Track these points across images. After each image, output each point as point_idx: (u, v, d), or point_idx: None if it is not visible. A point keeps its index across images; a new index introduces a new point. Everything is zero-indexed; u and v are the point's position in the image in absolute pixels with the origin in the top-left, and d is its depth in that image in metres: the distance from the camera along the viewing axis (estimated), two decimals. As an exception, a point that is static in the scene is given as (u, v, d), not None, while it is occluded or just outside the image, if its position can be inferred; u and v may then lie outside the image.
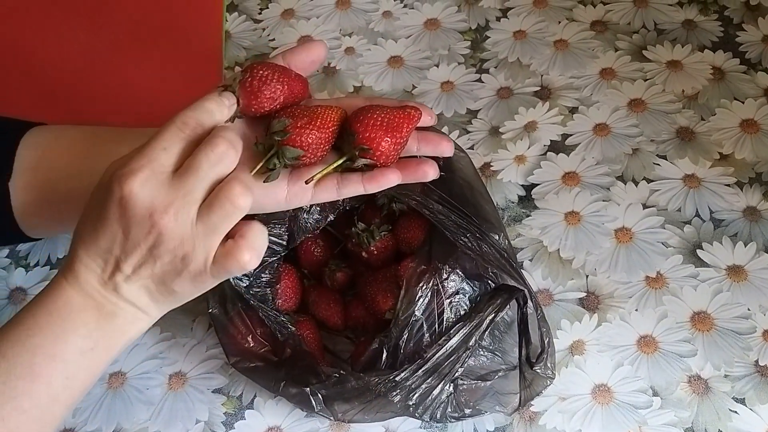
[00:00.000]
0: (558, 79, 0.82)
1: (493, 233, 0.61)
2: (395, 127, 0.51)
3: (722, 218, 0.71)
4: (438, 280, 0.59)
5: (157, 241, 0.44)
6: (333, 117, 0.51)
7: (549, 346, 0.61)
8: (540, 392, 0.62)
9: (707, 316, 0.66)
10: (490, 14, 0.89)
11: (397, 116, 0.51)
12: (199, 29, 0.91)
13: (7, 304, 0.74)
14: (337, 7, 0.92)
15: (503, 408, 0.61)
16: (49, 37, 0.89)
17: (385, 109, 0.52)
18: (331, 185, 0.52)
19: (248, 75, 0.50)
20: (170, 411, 0.67)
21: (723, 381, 0.63)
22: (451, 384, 0.59)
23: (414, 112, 0.52)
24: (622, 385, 0.64)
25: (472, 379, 0.60)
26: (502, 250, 0.61)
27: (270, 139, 0.50)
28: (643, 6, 0.87)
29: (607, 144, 0.77)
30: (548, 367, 0.61)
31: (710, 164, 0.75)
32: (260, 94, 0.50)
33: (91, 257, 0.46)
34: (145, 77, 0.86)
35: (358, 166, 0.51)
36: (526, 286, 0.59)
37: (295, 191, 0.52)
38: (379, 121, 0.51)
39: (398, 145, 0.51)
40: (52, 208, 0.55)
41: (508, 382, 0.61)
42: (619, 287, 0.69)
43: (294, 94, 0.52)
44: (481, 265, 0.60)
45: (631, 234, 0.71)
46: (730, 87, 0.80)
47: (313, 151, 0.50)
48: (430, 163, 0.53)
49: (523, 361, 0.61)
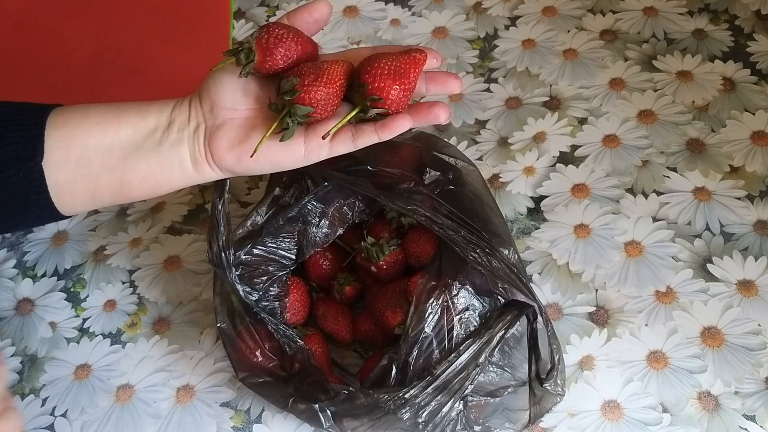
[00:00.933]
0: (567, 89, 0.82)
1: (503, 248, 0.61)
2: (403, 74, 0.52)
3: (733, 232, 0.71)
4: (448, 296, 0.59)
5: None
6: (340, 71, 0.53)
7: (559, 363, 0.61)
8: (550, 409, 0.62)
9: (717, 332, 0.66)
10: (498, 23, 0.89)
11: (404, 62, 0.53)
12: (207, 37, 0.91)
13: (14, 315, 0.74)
14: (345, 15, 0.91)
15: (513, 425, 0.61)
16: (55, 47, 0.89)
17: (392, 57, 0.53)
18: (346, 137, 0.54)
19: (264, 33, 0.52)
20: (178, 425, 0.66)
21: (733, 398, 0.63)
22: (461, 401, 0.59)
23: (419, 56, 0.53)
24: (631, 402, 0.64)
25: (482, 395, 0.60)
26: (511, 265, 0.61)
27: (281, 99, 0.52)
28: (653, 15, 0.87)
29: (617, 156, 0.77)
30: (558, 384, 0.61)
31: (721, 177, 0.74)
32: (275, 51, 0.52)
33: None
34: (152, 84, 0.86)
35: (370, 116, 0.53)
36: (536, 302, 0.59)
37: (312, 147, 0.54)
38: (387, 70, 0.52)
39: (407, 91, 0.53)
40: (87, 184, 0.56)
41: (517, 398, 0.61)
42: (628, 302, 0.68)
43: (306, 54, 0.54)
44: (491, 281, 0.59)
45: (641, 247, 0.71)
46: (740, 98, 0.79)
47: (323, 107, 0.52)
48: (441, 105, 0.55)
49: (532, 377, 0.61)
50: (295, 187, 0.65)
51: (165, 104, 0.57)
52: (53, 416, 0.68)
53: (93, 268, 0.76)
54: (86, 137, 0.55)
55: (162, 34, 0.90)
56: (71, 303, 0.75)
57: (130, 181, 0.56)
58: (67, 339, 0.73)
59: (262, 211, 0.64)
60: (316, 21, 0.55)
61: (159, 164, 0.56)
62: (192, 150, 0.55)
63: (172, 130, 0.56)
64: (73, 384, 0.70)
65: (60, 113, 0.56)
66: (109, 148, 0.55)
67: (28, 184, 0.54)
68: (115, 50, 0.89)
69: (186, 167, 0.56)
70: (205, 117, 0.56)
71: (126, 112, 0.57)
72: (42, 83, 0.87)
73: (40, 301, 0.75)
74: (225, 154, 0.55)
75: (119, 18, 0.91)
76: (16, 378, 0.71)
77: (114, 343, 0.72)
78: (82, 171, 0.55)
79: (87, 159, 0.55)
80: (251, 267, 0.63)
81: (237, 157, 0.55)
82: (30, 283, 0.76)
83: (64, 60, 0.88)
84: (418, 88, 0.55)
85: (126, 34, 0.89)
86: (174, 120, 0.56)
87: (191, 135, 0.55)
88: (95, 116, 0.56)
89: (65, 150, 0.55)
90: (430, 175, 0.65)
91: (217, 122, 0.55)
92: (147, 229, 0.78)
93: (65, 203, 0.56)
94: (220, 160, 0.55)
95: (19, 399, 0.69)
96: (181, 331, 0.71)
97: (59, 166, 0.55)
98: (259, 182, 0.79)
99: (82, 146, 0.55)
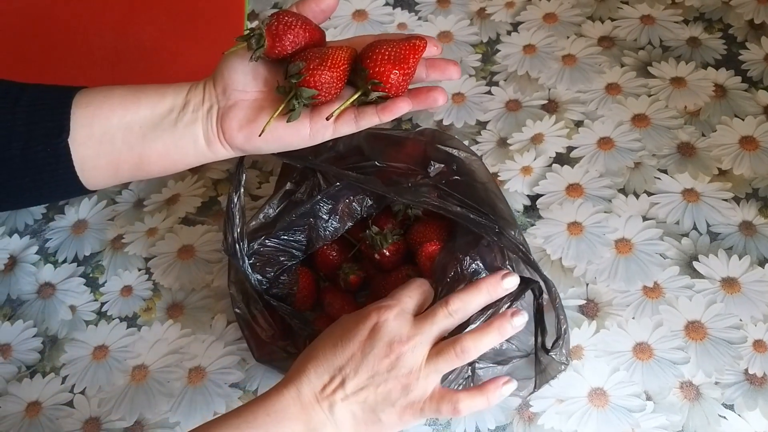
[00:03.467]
0: (565, 93, 0.86)
1: (510, 229, 0.65)
2: (402, 59, 0.56)
3: (719, 232, 0.75)
4: (459, 268, 0.63)
5: (390, 364, 0.53)
6: (343, 57, 0.56)
7: (565, 333, 0.63)
8: (554, 376, 0.64)
9: (701, 326, 0.70)
10: (501, 28, 0.92)
11: (404, 49, 0.56)
12: (222, 38, 0.94)
13: (36, 298, 0.79)
14: (354, 19, 0.95)
15: (518, 392, 0.64)
16: (76, 45, 0.93)
17: (392, 43, 0.56)
18: (349, 119, 0.58)
19: (275, 20, 0.56)
20: (190, 403, 0.71)
21: (713, 388, 0.67)
22: (469, 368, 0.62)
23: (419, 42, 0.57)
24: (617, 390, 0.67)
25: (489, 363, 0.63)
26: (519, 244, 0.64)
27: (288, 82, 0.56)
28: (650, 23, 0.90)
29: (611, 157, 0.80)
30: (563, 353, 0.63)
31: (709, 179, 0.78)
32: (284, 37, 0.56)
33: (319, 372, 0.54)
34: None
35: (372, 99, 0.56)
36: (543, 277, 0.62)
37: (317, 128, 0.58)
38: (387, 55, 0.56)
39: (407, 76, 0.56)
40: (109, 159, 0.60)
41: (523, 368, 0.64)
42: (617, 296, 0.72)
43: (314, 41, 0.58)
44: (500, 257, 0.63)
45: (630, 245, 0.75)
46: (731, 104, 0.83)
47: (327, 90, 0.56)
48: (439, 89, 0.59)
49: (538, 347, 0.63)
50: (306, 183, 0.68)
51: (181, 86, 0.61)
52: (72, 393, 0.72)
53: (111, 256, 0.80)
54: (108, 116, 0.59)
55: (179, 34, 0.94)
56: (90, 288, 0.79)
57: (148, 156, 0.60)
58: (86, 321, 0.77)
59: (274, 205, 0.68)
60: (323, 10, 0.59)
61: (175, 142, 0.60)
62: (205, 129, 0.59)
63: (187, 110, 0.59)
64: (92, 364, 0.74)
65: (84, 94, 0.61)
66: (129, 126, 0.59)
67: (56, 159, 0.59)
68: (134, 48, 0.93)
69: (200, 145, 0.60)
70: (218, 98, 0.59)
71: (145, 93, 0.61)
72: (64, 78, 0.91)
73: (60, 286, 0.79)
74: (236, 133, 0.59)
75: (138, 18, 0.95)
76: (37, 357, 0.75)
77: (130, 327, 0.76)
78: (105, 147, 0.59)
79: (109, 136, 0.59)
80: (263, 257, 0.67)
81: (247, 136, 0.59)
82: (51, 268, 0.80)
83: (86, 57, 0.92)
84: (418, 73, 0.58)
85: (144, 34, 0.94)
86: (189, 101, 0.60)
87: (205, 115, 0.59)
88: (117, 97, 0.60)
89: (89, 128, 0.59)
90: (435, 168, 0.68)
91: (229, 103, 0.59)
92: (162, 220, 0.82)
93: (89, 177, 0.61)
94: (231, 138, 0.59)
95: (41, 377, 0.73)
96: (193, 316, 0.75)
97: (83, 143, 0.59)
98: (269, 177, 0.83)
99: (104, 124, 0.59)
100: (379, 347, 0.53)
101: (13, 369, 0.74)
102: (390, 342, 0.53)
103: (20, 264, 0.81)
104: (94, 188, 0.62)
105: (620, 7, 0.92)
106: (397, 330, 0.54)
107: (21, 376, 0.74)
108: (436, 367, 0.55)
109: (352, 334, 0.54)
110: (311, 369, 0.54)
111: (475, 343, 0.56)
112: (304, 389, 0.53)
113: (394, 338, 0.54)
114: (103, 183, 0.62)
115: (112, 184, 0.63)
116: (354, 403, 0.53)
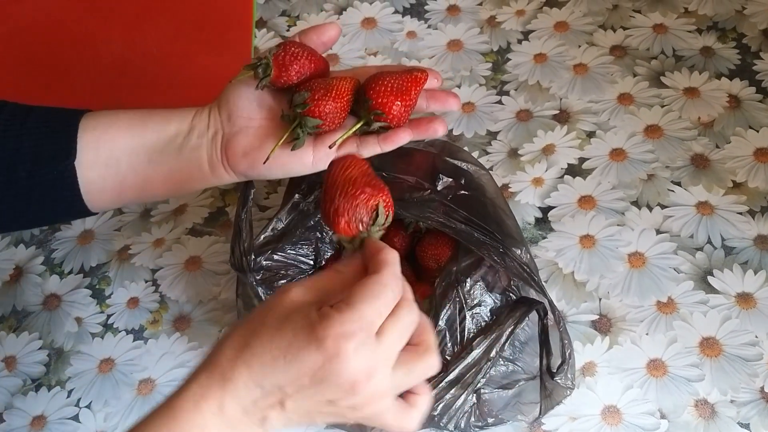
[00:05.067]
0: (576, 103, 0.85)
1: (515, 248, 0.64)
2: (404, 91, 0.57)
3: (733, 246, 0.74)
4: (461, 292, 0.62)
5: (344, 397, 0.44)
6: (347, 87, 0.57)
7: (570, 358, 0.62)
8: (560, 401, 0.64)
9: (716, 342, 0.69)
10: (511, 36, 0.91)
11: (406, 80, 0.57)
12: (230, 45, 0.94)
13: (41, 310, 0.78)
14: (363, 27, 0.94)
15: (524, 417, 0.63)
16: (84, 52, 0.93)
17: (395, 75, 0.57)
18: (351, 147, 0.58)
19: (281, 50, 0.57)
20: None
21: (729, 406, 0.65)
22: (474, 394, 0.61)
23: (421, 75, 0.58)
24: (631, 407, 0.66)
25: (494, 387, 0.63)
26: (524, 264, 0.63)
27: (293, 111, 0.56)
28: (663, 32, 0.89)
29: (623, 169, 0.79)
30: (568, 378, 0.62)
31: (723, 192, 0.77)
32: (291, 67, 0.57)
33: (250, 386, 0.44)
34: (177, 91, 0.90)
35: (374, 129, 0.57)
36: (547, 298, 0.62)
37: (320, 155, 0.58)
38: (389, 87, 0.56)
39: (408, 107, 0.57)
40: (114, 183, 0.60)
41: (528, 392, 0.63)
42: (630, 311, 0.71)
43: (318, 70, 0.59)
44: (504, 278, 0.62)
45: (644, 259, 0.74)
46: (745, 115, 0.81)
47: (331, 119, 0.57)
48: (440, 120, 0.59)
49: (543, 371, 0.63)
50: (315, 194, 0.68)
51: (187, 112, 0.60)
52: (78, 407, 0.72)
53: (117, 267, 0.80)
54: (114, 140, 0.59)
55: (187, 41, 0.93)
56: (96, 299, 0.78)
57: (153, 180, 0.60)
58: (92, 334, 0.76)
59: (283, 217, 0.67)
60: (324, 43, 0.60)
61: (179, 167, 0.59)
62: (210, 155, 0.59)
63: (192, 135, 0.59)
64: (97, 377, 0.73)
65: (91, 117, 0.60)
66: (135, 150, 0.59)
67: (62, 181, 0.58)
68: (142, 56, 0.92)
69: (204, 170, 0.60)
70: (222, 125, 0.59)
71: (151, 117, 0.60)
72: (73, 85, 0.91)
73: (66, 297, 0.78)
74: (240, 159, 0.58)
75: (147, 26, 0.94)
76: (42, 370, 0.74)
77: (136, 339, 0.75)
78: (110, 171, 0.59)
79: (115, 159, 0.59)
80: (271, 271, 0.66)
81: (250, 163, 0.58)
82: (57, 279, 0.80)
83: (94, 64, 0.92)
84: (419, 104, 0.59)
85: (153, 42, 0.93)
86: (194, 126, 0.59)
87: (209, 141, 0.59)
88: (123, 121, 0.60)
89: (95, 151, 0.59)
90: (443, 182, 0.67)
91: (234, 130, 0.59)
92: (169, 230, 0.81)
93: (94, 200, 0.60)
94: (235, 164, 0.59)
95: (46, 390, 0.73)
96: (200, 329, 0.75)
97: (89, 166, 0.59)
98: (277, 187, 0.82)
99: (110, 148, 0.59)
100: (335, 383, 0.43)
101: (18, 382, 0.74)
102: (352, 379, 0.43)
103: (26, 275, 0.80)
104: (98, 210, 0.62)
105: (632, 16, 0.91)
106: (359, 365, 0.43)
107: (26, 389, 0.73)
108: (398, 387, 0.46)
109: (302, 355, 0.43)
110: (239, 379, 0.43)
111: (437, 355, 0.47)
112: (228, 404, 0.43)
113: (355, 375, 0.43)
114: (107, 205, 0.62)
115: (116, 207, 0.63)
116: (292, 413, 0.45)
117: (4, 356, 0.75)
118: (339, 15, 0.96)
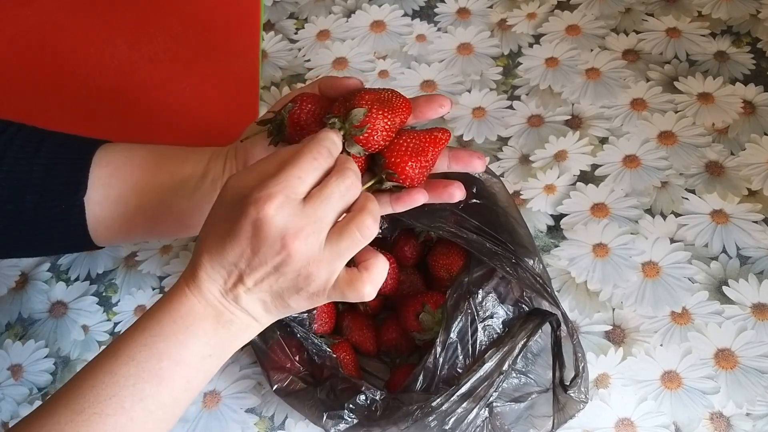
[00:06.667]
0: (589, 109, 0.84)
1: (528, 258, 0.63)
2: (420, 152, 0.54)
3: (749, 255, 0.72)
4: (473, 303, 0.61)
5: (284, 261, 0.47)
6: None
7: (583, 371, 0.61)
8: (573, 415, 0.63)
9: (731, 354, 0.68)
10: (522, 40, 0.90)
11: (424, 140, 0.55)
12: (237, 48, 0.93)
13: (48, 317, 0.77)
14: (372, 30, 0.93)
15: (537, 430, 0.63)
16: (90, 54, 0.92)
17: (413, 134, 0.55)
18: None
19: (297, 107, 0.55)
20: (205, 429, 0.69)
21: (744, 419, 0.65)
22: (486, 408, 0.61)
23: (441, 135, 0.55)
24: (645, 420, 0.65)
25: (506, 400, 0.62)
26: (536, 275, 0.62)
27: None
28: (676, 36, 0.88)
29: (636, 176, 0.78)
30: (582, 391, 0.62)
31: (738, 200, 0.76)
32: (306, 127, 0.55)
33: (216, 268, 0.48)
34: (184, 94, 0.89)
35: (386, 188, 0.55)
36: (560, 310, 0.61)
37: None
38: (405, 147, 0.54)
39: (424, 168, 0.55)
40: (122, 221, 0.59)
41: (541, 405, 0.63)
42: (644, 322, 0.70)
43: None
44: (517, 289, 0.61)
45: (658, 268, 0.73)
46: (760, 121, 0.80)
47: None
48: (457, 184, 0.56)
49: (556, 384, 0.62)
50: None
51: (202, 154, 0.59)
52: (85, 417, 0.71)
53: (124, 274, 0.79)
54: (126, 178, 0.58)
55: (194, 44, 0.92)
56: (103, 307, 0.77)
57: (162, 220, 0.59)
58: (99, 342, 0.75)
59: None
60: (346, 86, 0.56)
61: (190, 209, 0.59)
62: None
63: (206, 179, 0.58)
64: (105, 386, 0.72)
65: (105, 151, 0.60)
66: (146, 190, 0.58)
67: (69, 215, 0.58)
68: (147, 58, 0.91)
69: None
70: (238, 170, 0.58)
71: (166, 156, 0.60)
72: (78, 90, 0.90)
73: (73, 305, 0.78)
74: None
75: (153, 29, 0.93)
76: (49, 379, 0.73)
77: (144, 348, 0.74)
78: (120, 209, 0.58)
79: (125, 198, 0.58)
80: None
81: None
82: (63, 286, 0.79)
83: (99, 67, 0.91)
84: (440, 164, 0.56)
85: (159, 44, 0.92)
86: (209, 170, 0.59)
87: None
88: (137, 159, 0.59)
89: (106, 188, 0.58)
90: None
91: None
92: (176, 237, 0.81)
93: (101, 235, 0.59)
94: None
95: (53, 399, 0.72)
96: (208, 338, 0.74)
97: (99, 202, 0.58)
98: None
99: (121, 186, 0.58)
100: (268, 245, 0.47)
101: (25, 391, 0.73)
102: (279, 237, 0.46)
103: (32, 282, 0.79)
104: (104, 245, 0.61)
105: (645, 20, 0.90)
106: (283, 223, 0.46)
107: (32, 398, 0.72)
108: (338, 252, 0.48)
109: (236, 229, 0.47)
110: (207, 264, 0.48)
111: (376, 217, 0.49)
112: (205, 286, 0.48)
113: (282, 233, 0.46)
114: (113, 241, 0.61)
115: (123, 243, 0.61)
116: (258, 291, 0.48)
117: (10, 364, 0.74)
118: (347, 18, 0.95)
